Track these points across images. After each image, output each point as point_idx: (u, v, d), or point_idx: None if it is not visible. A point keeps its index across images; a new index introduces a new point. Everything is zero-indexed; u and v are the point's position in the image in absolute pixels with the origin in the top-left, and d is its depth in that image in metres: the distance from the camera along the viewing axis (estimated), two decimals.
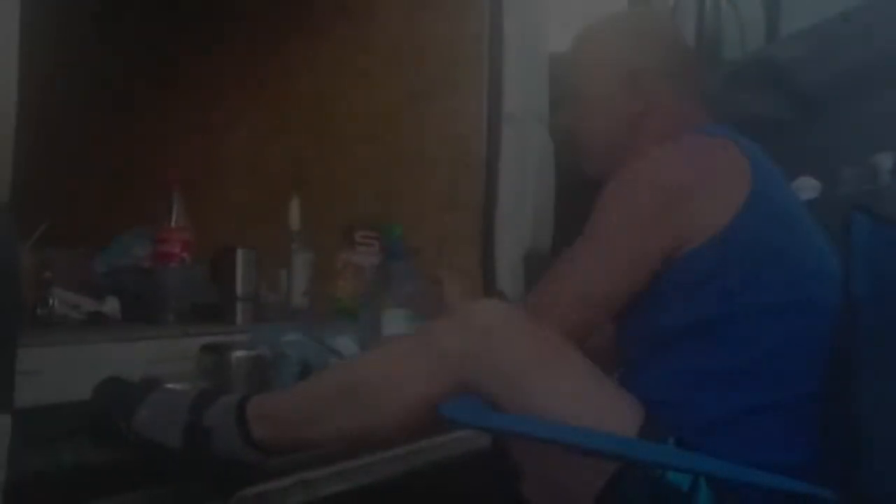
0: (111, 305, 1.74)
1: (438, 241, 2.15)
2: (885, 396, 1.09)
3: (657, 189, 1.17)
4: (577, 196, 1.47)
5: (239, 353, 1.49)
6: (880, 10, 2.39)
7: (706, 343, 1.14)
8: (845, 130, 2.27)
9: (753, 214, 1.14)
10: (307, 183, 2.36)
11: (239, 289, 1.91)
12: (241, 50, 2.56)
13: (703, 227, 1.14)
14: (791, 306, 1.14)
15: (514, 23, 2.07)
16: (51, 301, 1.67)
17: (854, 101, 2.25)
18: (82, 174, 2.75)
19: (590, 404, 1.13)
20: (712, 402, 1.13)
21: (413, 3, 2.23)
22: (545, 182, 2.14)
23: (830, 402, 1.08)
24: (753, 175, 1.16)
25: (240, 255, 1.91)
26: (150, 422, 1.29)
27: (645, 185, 1.18)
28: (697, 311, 1.14)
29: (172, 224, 1.84)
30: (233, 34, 2.56)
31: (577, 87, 1.39)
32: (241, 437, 1.25)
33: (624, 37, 1.35)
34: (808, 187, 2.20)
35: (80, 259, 1.92)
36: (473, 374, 1.16)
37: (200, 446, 1.26)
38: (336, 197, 2.32)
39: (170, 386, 1.37)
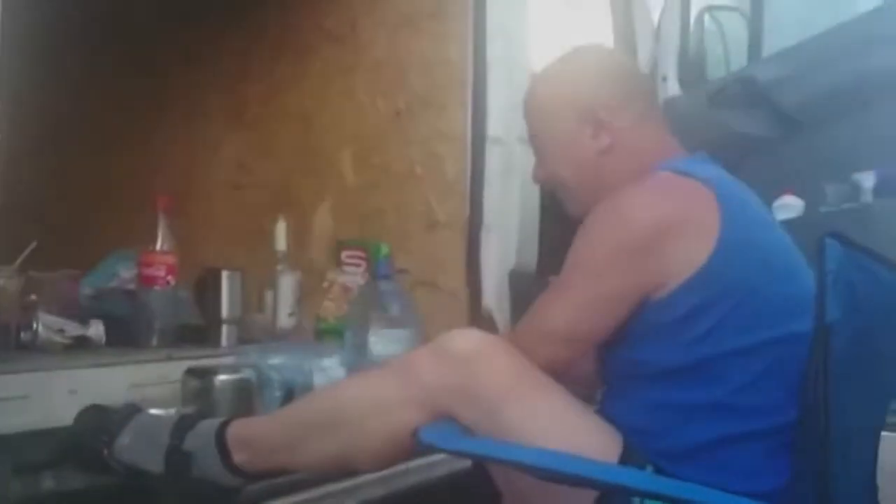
0: (96, 329, 1.74)
1: (424, 260, 2.15)
2: (857, 419, 1.11)
3: (633, 231, 1.16)
4: (561, 215, 1.48)
5: (223, 377, 1.50)
6: (861, 30, 2.42)
7: (683, 380, 1.15)
8: (828, 149, 2.29)
9: (725, 256, 1.13)
10: (293, 203, 2.36)
11: (224, 311, 1.91)
12: (227, 71, 2.57)
13: (678, 270, 1.13)
14: (769, 343, 1.14)
15: (498, 45, 2.09)
16: (35, 325, 1.66)
17: (836, 119, 2.27)
18: (68, 196, 2.75)
19: (568, 434, 1.13)
20: (688, 432, 1.14)
21: (397, 25, 2.25)
22: (530, 201, 2.16)
23: (804, 425, 1.09)
24: (723, 214, 1.15)
25: (225, 276, 1.92)
26: (131, 447, 1.30)
27: (620, 227, 1.17)
28: (674, 353, 1.15)
29: (158, 247, 1.83)
30: (218, 55, 2.57)
31: (539, 132, 1.37)
32: (222, 462, 1.26)
33: (578, 75, 1.34)
34: (790, 206, 2.22)
35: (66, 282, 1.91)
36: (452, 403, 1.17)
37: (181, 471, 1.27)
38: (322, 216, 2.32)
39: (152, 411, 1.38)
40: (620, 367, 1.23)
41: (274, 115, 2.50)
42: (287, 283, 2.04)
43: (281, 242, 2.07)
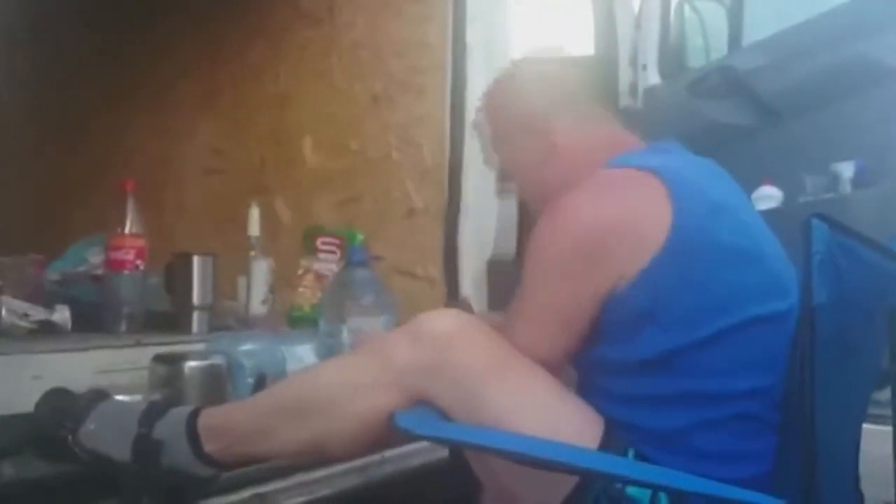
0: (61, 314, 1.69)
1: (402, 247, 2.13)
2: (843, 404, 1.10)
3: (577, 236, 1.14)
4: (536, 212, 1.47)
5: (192, 364, 1.45)
6: (840, 20, 2.42)
7: (650, 373, 1.13)
8: (807, 139, 2.29)
9: (678, 247, 1.11)
10: (267, 188, 2.32)
11: (195, 297, 1.86)
12: (200, 53, 2.52)
13: (630, 266, 1.11)
14: (734, 328, 1.12)
15: (478, 30, 2.06)
16: None
17: (816, 109, 2.27)
18: (36, 180, 2.68)
19: (549, 416, 1.11)
20: (664, 419, 1.12)
21: (375, 7, 2.21)
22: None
23: (789, 410, 1.08)
24: (674, 204, 1.12)
25: (196, 262, 1.87)
26: (97, 434, 1.26)
27: (564, 235, 1.15)
28: (636, 348, 1.13)
29: (126, 231, 1.78)
30: (191, 37, 2.51)
31: (492, 139, 1.42)
32: (193, 451, 1.22)
33: (521, 84, 1.39)
34: (769, 196, 2.21)
35: (32, 267, 1.87)
36: (428, 385, 1.15)
37: (150, 460, 1.23)
38: (297, 203, 2.28)
39: (119, 398, 1.33)
40: (589, 363, 1.21)
41: (248, 99, 2.46)
42: (260, 270, 2.00)
43: (254, 228, 2.03)
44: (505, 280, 2.01)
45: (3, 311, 1.61)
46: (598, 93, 1.41)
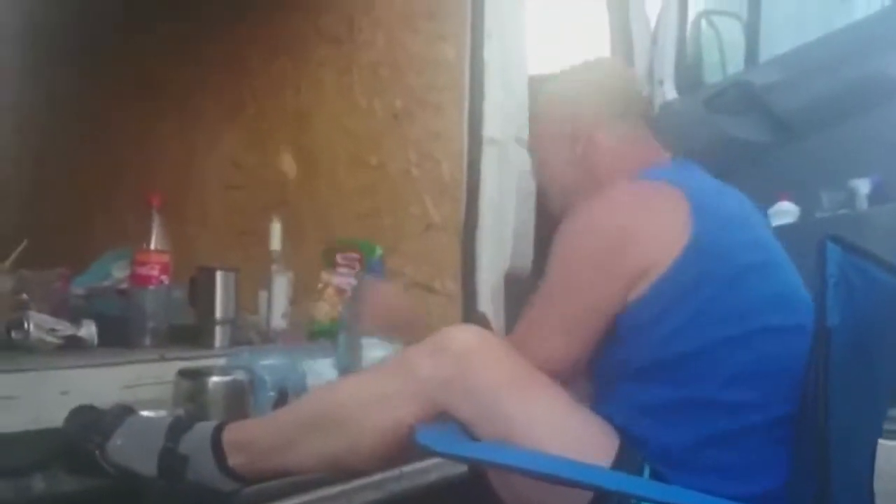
0: (87, 329, 1.72)
1: (420, 262, 2.14)
2: (855, 423, 1.11)
3: (598, 238, 1.19)
4: (557, 216, 1.49)
5: (215, 379, 1.49)
6: (856, 36, 2.43)
7: (667, 377, 1.16)
8: (824, 154, 2.30)
9: (696, 254, 1.15)
10: (288, 203, 2.35)
11: (218, 311, 1.89)
12: (223, 69, 2.55)
13: (648, 270, 1.15)
14: (747, 335, 1.15)
15: (495, 46, 2.08)
16: (26, 324, 1.64)
17: (832, 125, 2.27)
18: (62, 196, 2.72)
19: (566, 430, 1.14)
20: (679, 432, 1.14)
21: (394, 25, 2.23)
22: (525, 203, 2.15)
23: (802, 427, 1.09)
24: (694, 216, 1.17)
25: (219, 276, 1.89)
26: (124, 449, 1.29)
27: (586, 237, 1.21)
28: (654, 350, 1.16)
29: (152, 246, 1.82)
30: (214, 53, 2.55)
31: (532, 139, 1.50)
32: (218, 465, 1.25)
33: (565, 89, 1.43)
34: (786, 212, 2.22)
35: (58, 281, 1.90)
36: (448, 399, 1.17)
37: (176, 474, 1.26)
38: (317, 217, 2.31)
39: (144, 413, 1.36)
40: (606, 369, 1.23)
41: (269, 113, 2.48)
42: (281, 284, 2.02)
43: (276, 242, 2.05)
44: (523, 295, 2.02)
45: (31, 327, 1.64)
46: (637, 106, 1.42)
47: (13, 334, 1.63)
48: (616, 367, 1.21)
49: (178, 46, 2.57)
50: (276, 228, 2.05)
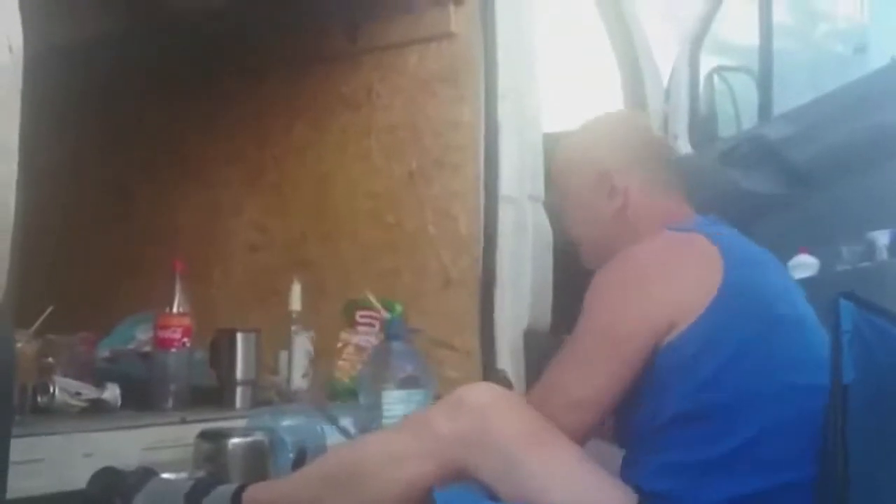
0: (111, 392, 1.75)
1: (439, 319, 2.15)
2: (875, 480, 1.09)
3: (631, 288, 1.21)
4: (575, 272, 1.50)
5: (235, 441, 1.50)
6: (871, 87, 2.44)
7: (695, 431, 1.15)
8: (841, 207, 2.29)
9: (726, 306, 1.16)
10: (308, 263, 2.38)
11: (239, 373, 1.91)
12: (246, 135, 2.61)
13: (680, 319, 1.16)
14: (776, 391, 1.15)
15: (509, 107, 2.12)
16: (52, 388, 1.67)
17: (849, 177, 2.28)
18: (87, 262, 2.78)
19: (586, 489, 1.14)
20: (706, 493, 1.12)
21: (412, 89, 2.29)
22: (542, 259, 2.17)
23: (823, 487, 1.08)
24: (726, 266, 1.18)
25: (240, 338, 1.92)
26: None
27: (624, 272, 1.23)
28: (683, 399, 1.16)
29: (174, 309, 1.85)
30: (236, 119, 2.61)
31: (560, 194, 1.48)
32: None
33: (595, 141, 1.43)
34: (805, 264, 2.21)
35: (82, 345, 1.93)
36: (467, 456, 1.18)
37: None
38: (336, 277, 2.33)
39: (164, 475, 1.37)
40: (634, 424, 1.23)
41: (290, 178, 2.53)
42: (301, 344, 2.04)
43: (296, 303, 2.08)
44: (541, 351, 2.02)
45: (56, 390, 1.67)
46: (664, 157, 1.44)
47: (39, 398, 1.65)
48: (644, 420, 1.20)
49: (201, 117, 2.64)
50: (296, 289, 2.08)
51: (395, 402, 1.75)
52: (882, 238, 2.16)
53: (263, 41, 2.49)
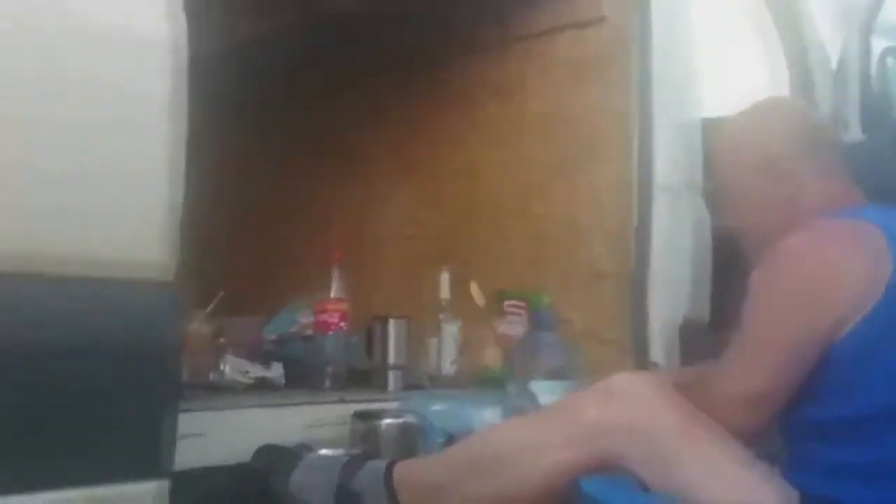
0: (276, 371, 1.85)
1: (588, 311, 2.13)
2: None
3: (800, 277, 1.17)
4: (735, 263, 1.45)
5: (388, 421, 1.56)
6: None
7: (866, 435, 1.09)
8: None
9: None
10: (456, 253, 2.41)
11: (391, 357, 1.98)
12: (398, 128, 2.68)
13: (849, 312, 1.12)
14: None
15: (665, 92, 2.06)
16: (223, 366, 1.79)
17: None
18: (255, 252, 2.95)
19: (738, 487, 1.10)
20: (878, 496, 1.06)
21: (562, 77, 2.27)
22: (700, 250, 2.09)
23: None
24: (894, 257, 1.13)
25: (392, 325, 1.99)
26: (303, 484, 1.37)
27: (788, 276, 1.19)
28: (854, 403, 1.12)
29: (332, 295, 1.94)
30: (389, 113, 2.69)
31: (722, 181, 1.46)
32: (389, 501, 1.29)
33: (759, 127, 1.40)
34: None
35: (251, 327, 2.06)
36: (615, 445, 1.16)
37: None
38: (485, 267, 2.35)
39: (323, 451, 1.44)
40: (801, 428, 1.18)
41: (441, 170, 2.58)
42: (450, 332, 2.09)
43: (445, 291, 2.13)
44: (698, 344, 1.96)
45: (228, 369, 1.78)
46: (827, 143, 1.40)
47: (211, 375, 1.77)
48: (812, 425, 1.17)
49: (357, 113, 2.73)
50: (444, 278, 2.13)
51: (543, 392, 1.75)
52: None
53: (414, 35, 2.53)
